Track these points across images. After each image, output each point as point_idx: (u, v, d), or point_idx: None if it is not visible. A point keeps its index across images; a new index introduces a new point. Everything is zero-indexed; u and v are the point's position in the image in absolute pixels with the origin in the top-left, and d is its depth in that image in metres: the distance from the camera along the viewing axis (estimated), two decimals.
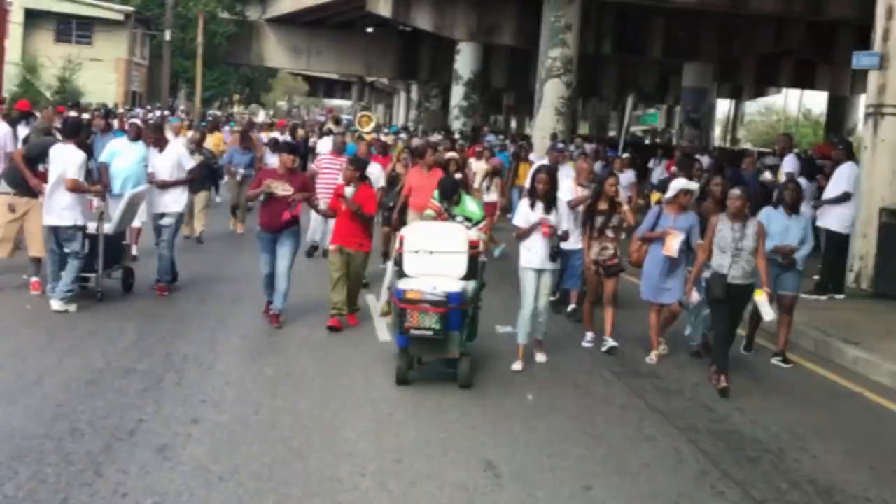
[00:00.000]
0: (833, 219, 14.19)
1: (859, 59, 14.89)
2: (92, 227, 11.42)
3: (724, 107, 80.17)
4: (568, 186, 11.79)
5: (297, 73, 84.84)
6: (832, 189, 14.33)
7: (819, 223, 14.19)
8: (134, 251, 14.02)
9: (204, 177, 17.02)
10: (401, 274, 9.37)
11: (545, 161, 14.89)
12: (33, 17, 45.86)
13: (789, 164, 16.07)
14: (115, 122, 27.17)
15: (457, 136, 33.55)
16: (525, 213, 9.96)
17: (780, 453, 7.74)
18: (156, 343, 9.93)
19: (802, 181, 15.06)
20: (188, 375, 8.82)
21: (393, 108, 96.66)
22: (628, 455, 7.47)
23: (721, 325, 9.59)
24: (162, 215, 12.58)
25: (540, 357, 10.13)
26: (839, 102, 49.87)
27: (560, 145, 21.59)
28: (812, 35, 41.39)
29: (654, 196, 13.73)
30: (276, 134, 27.88)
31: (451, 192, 10.55)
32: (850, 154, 14.66)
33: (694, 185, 10.83)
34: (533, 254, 9.93)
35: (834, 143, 20.90)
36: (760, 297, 9.43)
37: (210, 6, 53.96)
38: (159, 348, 9.73)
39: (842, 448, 8.00)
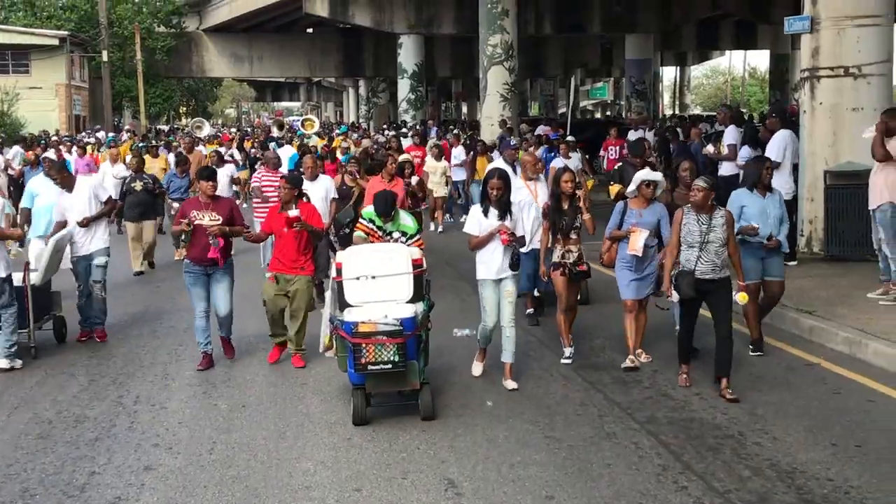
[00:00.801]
0: (726, 166, 14.34)
1: (791, 24, 14.93)
2: (17, 278, 10.64)
3: (670, 73, 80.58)
4: (517, 185, 11.26)
5: (241, 79, 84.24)
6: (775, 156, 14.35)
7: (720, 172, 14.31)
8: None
9: (149, 204, 16.58)
10: (342, 303, 8.63)
11: (499, 161, 14.70)
12: None
13: (730, 135, 16.07)
14: (52, 153, 26.76)
15: (405, 130, 33.36)
16: (479, 221, 9.28)
17: (740, 438, 7.72)
18: (108, 385, 9.76)
19: (746, 150, 15.10)
20: (141, 417, 8.67)
21: (343, 106, 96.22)
22: (590, 456, 7.42)
23: (687, 324, 9.16)
24: (89, 256, 11.58)
25: (510, 384, 9.26)
26: (781, 59, 50.19)
27: (513, 141, 21.35)
28: None
29: (613, 188, 12.86)
30: (222, 150, 26.96)
31: (390, 208, 9.65)
32: (784, 122, 14.66)
33: (657, 176, 9.98)
34: (490, 264, 9.28)
35: (728, 107, 21.10)
36: (744, 301, 9.07)
37: (146, 22, 53.40)
38: (111, 391, 9.57)
39: (802, 426, 7.98)
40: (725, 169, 15.87)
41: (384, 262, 8.72)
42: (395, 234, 9.63)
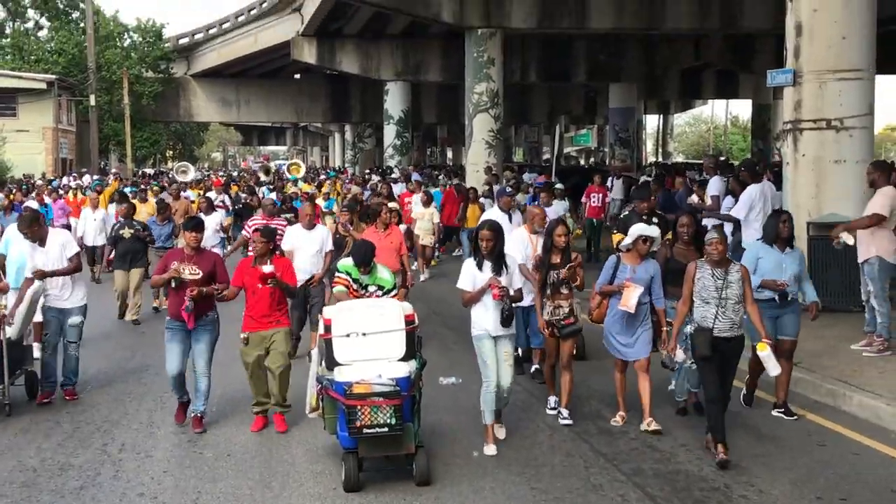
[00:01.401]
0: (750, 233, 14.32)
1: (774, 77, 15.10)
2: None
3: (653, 121, 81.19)
4: (520, 237, 11.14)
5: (229, 123, 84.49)
6: (735, 211, 14.49)
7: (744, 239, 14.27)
8: (36, 352, 11.40)
9: (137, 252, 16.20)
10: (330, 362, 8.21)
11: (494, 210, 14.27)
12: None
13: (714, 186, 16.18)
14: (32, 197, 26.53)
15: (394, 175, 33.45)
16: (472, 276, 8.88)
17: (726, 491, 7.74)
18: (92, 433, 9.70)
19: (730, 200, 15.22)
20: (126, 465, 8.62)
21: (329, 150, 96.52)
22: None
23: (711, 387, 8.52)
24: (63, 311, 11.00)
25: (498, 432, 9.10)
26: (763, 109, 50.65)
27: (508, 189, 20.89)
28: (730, 47, 42.18)
29: (616, 237, 12.28)
30: (212, 195, 26.53)
31: (369, 258, 9.36)
32: (753, 175, 14.79)
33: (654, 231, 9.54)
34: (484, 320, 8.87)
35: (714, 157, 21.18)
36: (764, 352, 8.52)
37: (134, 67, 53.62)
38: (96, 438, 9.52)
39: (787, 479, 8.00)
40: (710, 221, 15.97)
41: (375, 318, 8.30)
42: (372, 289, 9.32)
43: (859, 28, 14.20)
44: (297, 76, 58.08)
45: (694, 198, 16.74)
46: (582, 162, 75.38)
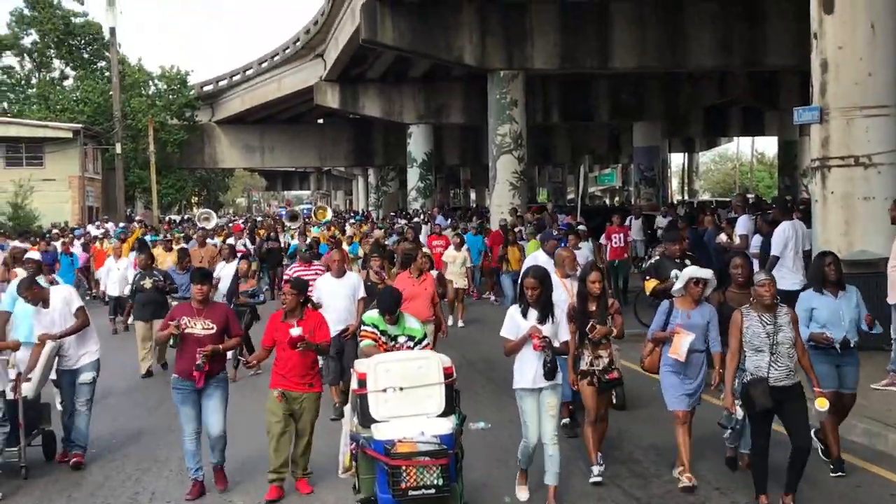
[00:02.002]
0: (785, 280, 14.11)
1: (800, 115, 15.03)
2: (7, 389, 9.73)
3: (678, 159, 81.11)
4: (554, 282, 10.37)
5: (253, 169, 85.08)
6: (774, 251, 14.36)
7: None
8: (59, 405, 10.96)
9: (160, 303, 15.43)
10: (365, 419, 7.70)
11: (539, 254, 13.40)
12: None
13: (742, 225, 16.09)
14: (58, 245, 26.63)
15: (418, 219, 33.49)
16: (515, 324, 8.37)
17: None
18: (123, 482, 9.65)
19: (757, 239, 15.12)
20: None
21: (353, 194, 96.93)
22: None
23: (762, 440, 8.10)
24: (76, 371, 10.43)
25: None
26: (790, 145, 50.52)
27: (554, 232, 19.86)
28: (755, 84, 42.20)
29: (648, 284, 11.90)
30: (231, 241, 26.00)
31: (396, 305, 8.89)
32: (784, 212, 14.68)
33: (706, 274, 8.94)
34: (526, 372, 8.34)
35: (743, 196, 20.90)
36: (824, 408, 8.04)
37: (159, 115, 54.14)
38: (127, 487, 9.47)
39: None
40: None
41: (413, 372, 7.84)
42: (402, 339, 8.82)
43: (885, 64, 14.13)
44: (321, 121, 58.49)
45: (723, 237, 16.64)
46: (607, 202, 75.37)
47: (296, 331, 8.73)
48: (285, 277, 13.14)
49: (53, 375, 10.64)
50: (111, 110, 49.07)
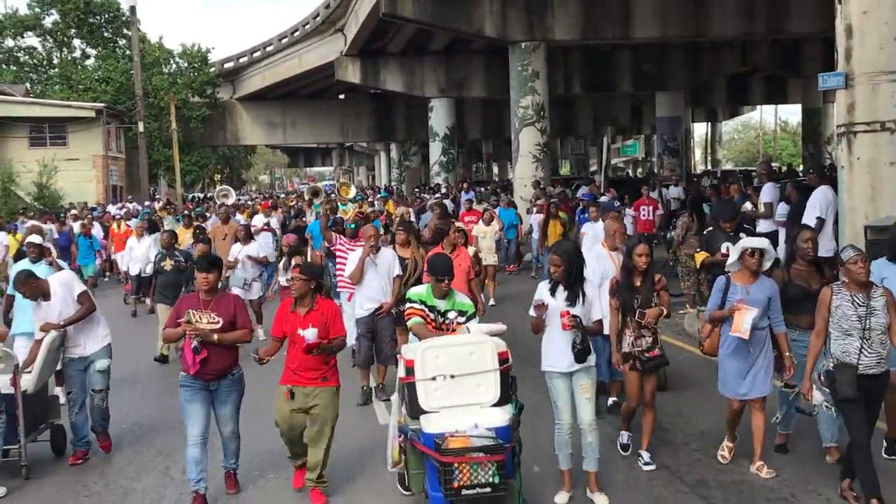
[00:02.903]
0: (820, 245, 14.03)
1: (825, 81, 14.88)
2: (4, 383, 9.21)
3: (701, 129, 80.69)
4: (599, 255, 10.06)
5: (275, 146, 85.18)
6: (808, 216, 14.28)
7: None
8: (61, 398, 10.43)
9: (179, 284, 14.80)
10: (414, 409, 7.18)
11: (595, 226, 12.94)
12: (5, 125, 45.97)
13: (767, 193, 16.00)
14: (77, 225, 26.15)
15: (440, 193, 33.40)
16: (542, 301, 7.81)
17: (792, 500, 7.62)
18: (154, 457, 9.80)
19: (783, 207, 15.06)
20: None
21: (375, 169, 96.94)
22: None
23: (859, 433, 7.31)
24: (86, 358, 9.83)
25: (600, 499, 7.80)
26: (813, 113, 50.11)
27: (616, 203, 18.53)
28: (778, 52, 41.88)
29: (699, 257, 11.27)
30: (258, 218, 25.10)
31: (449, 271, 8.20)
32: (822, 177, 14.61)
33: (762, 243, 8.30)
34: (555, 353, 7.76)
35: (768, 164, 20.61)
36: None
37: (181, 93, 54.24)
38: (158, 462, 9.61)
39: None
40: (763, 227, 15.80)
41: (465, 358, 7.22)
42: (452, 315, 8.10)
43: None
44: (342, 96, 58.44)
45: (748, 205, 16.57)
46: (630, 173, 75.08)
47: (311, 334, 7.85)
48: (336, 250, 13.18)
49: (60, 366, 10.20)
50: (133, 89, 49.18)
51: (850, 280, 7.44)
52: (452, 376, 7.14)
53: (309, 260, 21.05)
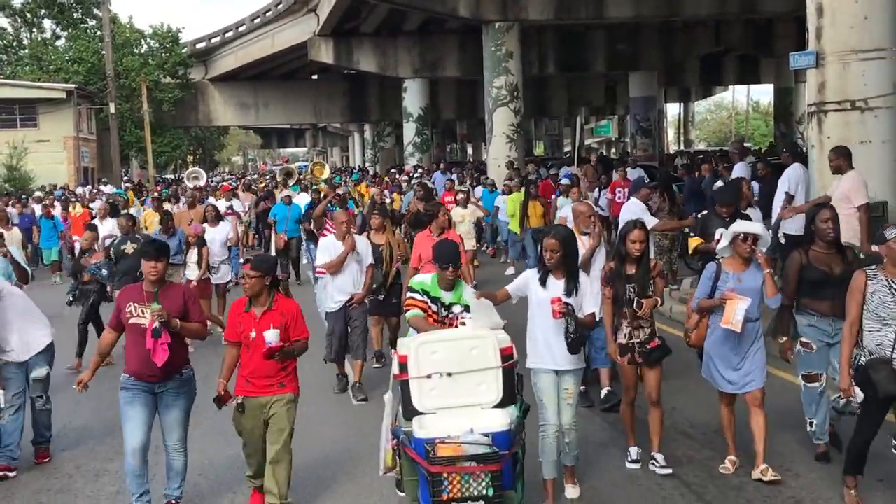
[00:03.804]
0: (791, 223, 14.10)
1: (796, 60, 14.96)
2: None
3: (674, 110, 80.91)
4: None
5: (248, 127, 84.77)
6: (778, 192, 14.34)
7: (782, 230, 14.01)
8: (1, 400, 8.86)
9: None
10: (408, 410, 6.54)
11: (633, 203, 12.16)
12: None
13: (739, 172, 16.09)
14: (39, 208, 25.68)
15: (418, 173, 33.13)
16: (533, 292, 7.29)
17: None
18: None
19: (755, 186, 15.13)
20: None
21: (349, 150, 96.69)
22: (613, 499, 7.36)
23: (871, 432, 6.88)
24: (26, 364, 8.93)
25: (571, 492, 7.46)
26: (785, 93, 50.37)
27: (648, 180, 16.98)
28: (751, 31, 42.03)
29: (693, 242, 10.70)
30: (220, 202, 23.58)
31: (456, 257, 7.37)
32: (795, 156, 14.68)
33: (757, 228, 7.77)
34: (541, 348, 7.22)
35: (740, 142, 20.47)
36: None
37: (153, 74, 53.83)
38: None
39: (824, 465, 7.92)
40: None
41: (464, 354, 6.58)
42: (457, 309, 7.28)
43: (880, 7, 14.02)
44: (315, 77, 58.21)
45: (719, 184, 16.66)
46: (604, 153, 75.26)
47: (272, 336, 6.97)
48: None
49: None
50: (104, 70, 48.78)
51: (890, 263, 6.76)
52: (450, 374, 6.50)
53: (272, 245, 20.91)
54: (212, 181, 47.54)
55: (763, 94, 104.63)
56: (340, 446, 9.10)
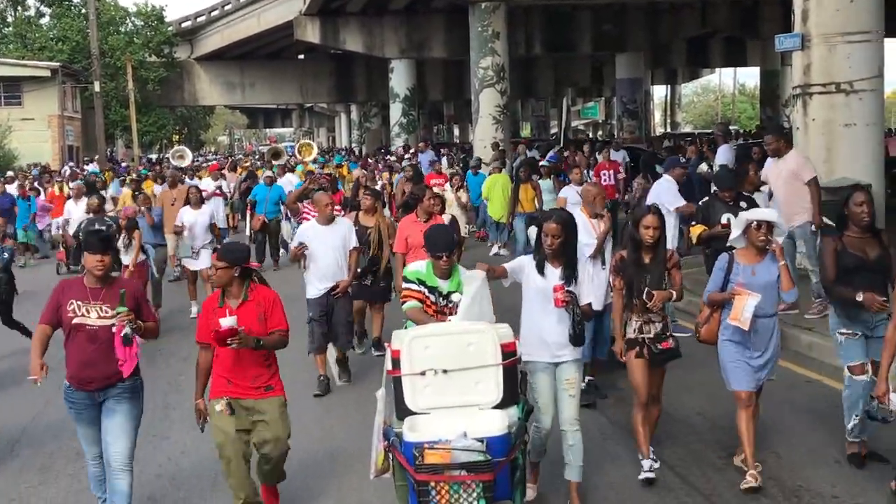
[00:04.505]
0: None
1: (782, 42, 14.99)
2: None
3: (660, 92, 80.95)
4: (581, 222, 8.58)
5: (234, 106, 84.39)
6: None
7: None
8: None
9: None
10: (400, 409, 6.03)
11: (666, 181, 11.89)
12: None
13: (723, 155, 16.11)
14: (14, 187, 25.08)
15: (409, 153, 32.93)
16: (528, 278, 6.76)
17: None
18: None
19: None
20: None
21: (336, 131, 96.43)
22: (592, 477, 7.38)
23: None
24: None
25: (528, 491, 6.73)
26: (772, 76, 50.44)
27: (683, 159, 16.29)
28: (737, 13, 42.01)
29: (695, 230, 10.19)
30: (207, 182, 23.59)
31: (453, 243, 6.95)
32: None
33: (771, 215, 7.22)
34: (537, 341, 6.68)
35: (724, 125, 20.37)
36: None
37: (138, 53, 53.51)
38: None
39: (804, 443, 7.97)
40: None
41: (461, 350, 6.03)
42: (456, 297, 6.76)
43: None
44: (301, 56, 57.96)
45: (704, 166, 16.68)
46: (590, 135, 75.21)
47: (227, 320, 6.24)
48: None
49: None
50: (89, 48, 48.45)
51: None
52: (445, 371, 5.96)
53: (249, 225, 20.19)
54: (196, 160, 47.27)
55: (749, 76, 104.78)
56: (328, 446, 8.63)
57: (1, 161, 42.57)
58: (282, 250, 19.58)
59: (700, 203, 11.09)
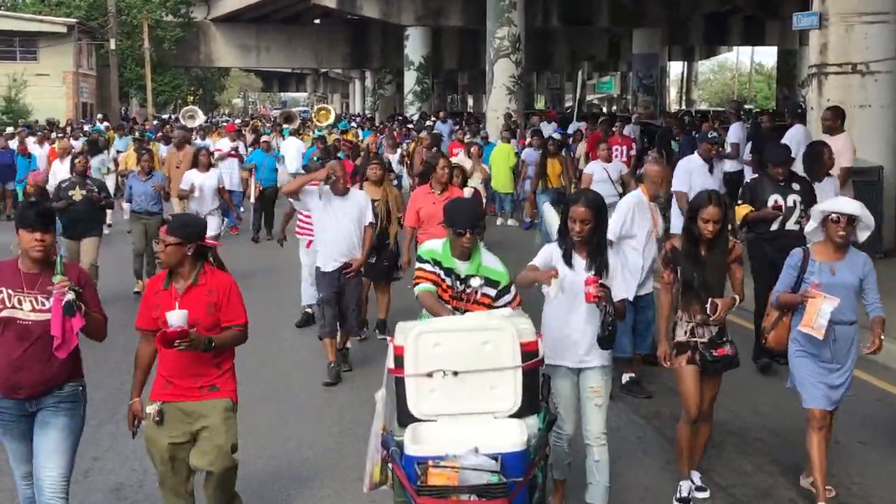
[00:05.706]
0: None
1: (799, 20, 14.92)
2: None
3: (677, 69, 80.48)
4: (640, 202, 8.17)
5: (249, 69, 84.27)
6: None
7: None
8: None
9: (92, 219, 12.81)
10: (403, 415, 5.17)
11: (693, 160, 11.03)
12: None
13: (734, 133, 16.02)
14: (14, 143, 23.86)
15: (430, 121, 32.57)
16: (548, 266, 5.86)
17: (742, 434, 7.71)
18: (108, 374, 9.68)
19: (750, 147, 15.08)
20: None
21: (349, 97, 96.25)
22: None
23: None
24: None
25: None
26: (789, 55, 50.11)
27: (712, 134, 15.01)
28: None
29: (741, 210, 9.09)
30: (224, 142, 21.90)
31: (477, 218, 6.19)
32: (796, 117, 14.67)
33: (854, 207, 6.13)
34: (561, 341, 5.83)
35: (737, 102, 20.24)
36: None
37: (154, 11, 53.41)
38: (113, 378, 9.50)
39: (803, 422, 7.94)
40: (729, 166, 15.76)
41: (475, 349, 5.14)
42: (475, 282, 6.00)
43: None
44: (317, 21, 57.77)
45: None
46: (604, 109, 74.96)
47: (176, 317, 5.17)
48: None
49: None
50: (106, 5, 48.37)
51: None
52: (455, 373, 5.10)
53: (252, 192, 18.77)
54: (209, 122, 47.19)
55: (767, 56, 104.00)
56: (317, 453, 7.63)
57: (15, 115, 42.56)
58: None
59: (748, 180, 10.28)
